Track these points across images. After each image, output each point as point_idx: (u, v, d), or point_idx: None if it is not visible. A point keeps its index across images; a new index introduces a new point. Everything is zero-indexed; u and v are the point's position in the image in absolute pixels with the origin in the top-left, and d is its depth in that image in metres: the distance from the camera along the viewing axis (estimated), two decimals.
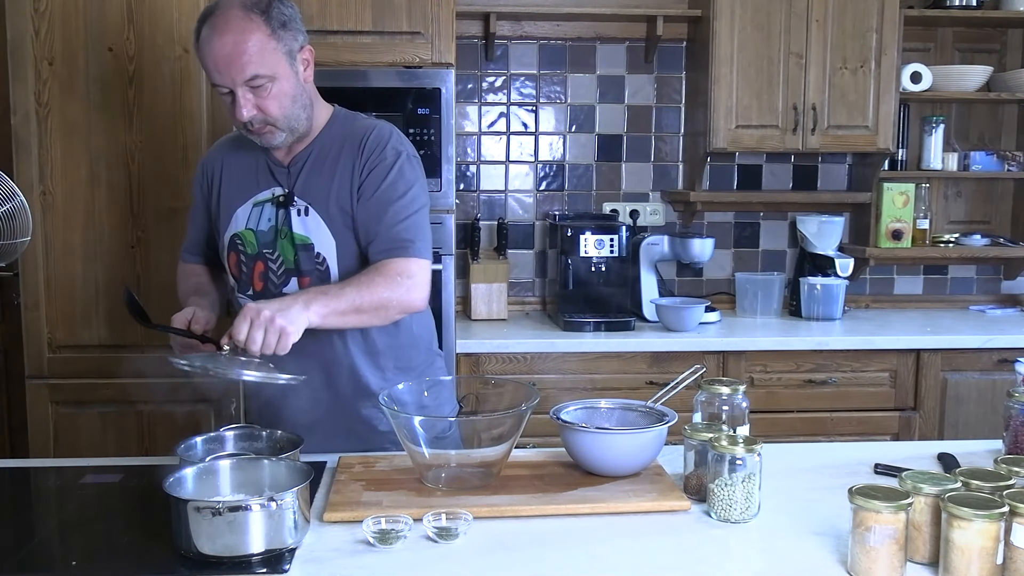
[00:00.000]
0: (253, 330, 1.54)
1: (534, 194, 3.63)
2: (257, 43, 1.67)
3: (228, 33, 1.66)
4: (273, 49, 1.69)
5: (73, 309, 2.87)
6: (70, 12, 2.77)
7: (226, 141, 1.97)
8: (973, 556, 1.19)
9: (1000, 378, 3.15)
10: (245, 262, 1.85)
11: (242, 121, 1.71)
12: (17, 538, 1.43)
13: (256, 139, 1.77)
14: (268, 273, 1.83)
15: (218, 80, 1.69)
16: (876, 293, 3.78)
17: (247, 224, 1.84)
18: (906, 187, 3.55)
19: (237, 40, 1.66)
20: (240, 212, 1.85)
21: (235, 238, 1.86)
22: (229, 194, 1.88)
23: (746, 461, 1.43)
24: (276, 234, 1.81)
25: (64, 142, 2.81)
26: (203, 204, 1.95)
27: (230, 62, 1.66)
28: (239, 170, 1.88)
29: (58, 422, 2.88)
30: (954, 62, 3.63)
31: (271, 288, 1.83)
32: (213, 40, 1.66)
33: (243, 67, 1.66)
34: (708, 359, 3.07)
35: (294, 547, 1.34)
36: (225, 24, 1.66)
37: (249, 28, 1.66)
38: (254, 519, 1.29)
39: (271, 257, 1.83)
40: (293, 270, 1.81)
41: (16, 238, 1.88)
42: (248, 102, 1.69)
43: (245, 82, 1.67)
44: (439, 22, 2.92)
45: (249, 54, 1.66)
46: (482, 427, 1.60)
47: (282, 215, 1.81)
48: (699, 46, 3.44)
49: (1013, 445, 1.71)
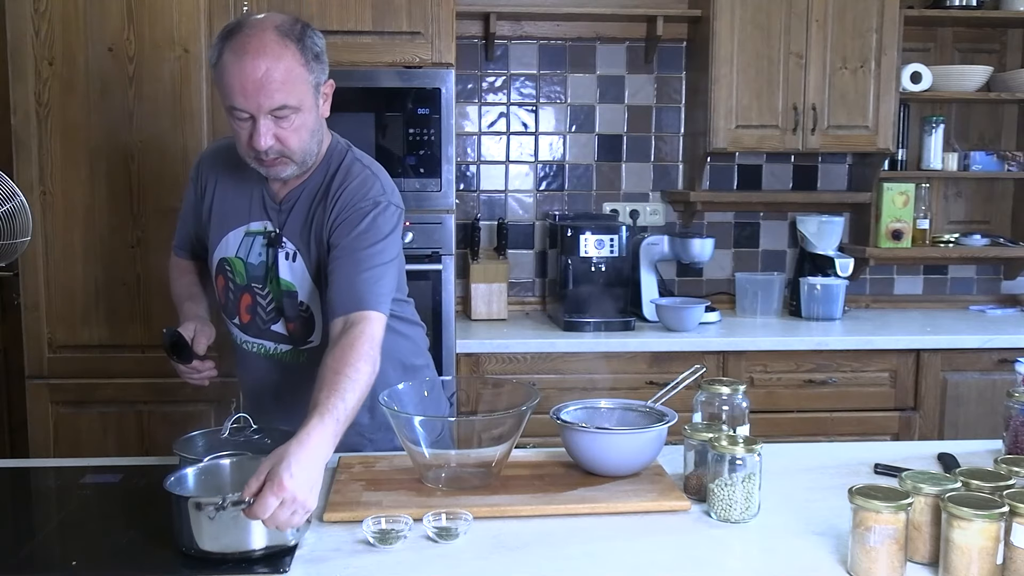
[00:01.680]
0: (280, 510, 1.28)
1: (534, 194, 3.63)
2: (290, 72, 1.58)
3: (262, 57, 1.55)
4: (304, 80, 1.60)
5: (73, 309, 2.87)
6: (70, 12, 2.77)
7: (223, 150, 1.84)
8: (973, 556, 1.19)
9: (1000, 378, 3.15)
10: (233, 291, 1.80)
11: (259, 150, 1.61)
12: (17, 538, 1.43)
13: (262, 169, 1.67)
14: (256, 308, 1.79)
15: (241, 104, 1.58)
16: (876, 293, 3.78)
17: (237, 252, 1.78)
18: (906, 187, 3.55)
19: (271, 66, 1.56)
20: (232, 237, 1.78)
21: (224, 263, 1.80)
22: (222, 213, 1.80)
23: (746, 461, 1.43)
24: (267, 271, 1.75)
25: (64, 142, 2.81)
26: (198, 204, 1.87)
27: (260, 88, 1.56)
28: (234, 192, 1.79)
29: (58, 422, 2.88)
30: (954, 62, 3.63)
31: (259, 323, 1.79)
32: (245, 62, 1.55)
33: (272, 94, 1.57)
34: (708, 359, 3.07)
35: (295, 544, 1.35)
36: (260, 47, 1.56)
37: (284, 55, 1.57)
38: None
39: (260, 293, 1.77)
40: (280, 312, 1.77)
41: (16, 238, 1.88)
42: (268, 131, 1.59)
43: (271, 111, 1.58)
44: (439, 22, 2.92)
45: (281, 82, 1.57)
46: (482, 427, 1.60)
47: (271, 254, 1.74)
48: (699, 46, 3.44)
49: (1013, 445, 1.71)
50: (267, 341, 1.82)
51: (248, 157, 1.67)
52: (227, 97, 1.60)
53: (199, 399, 2.90)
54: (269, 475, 1.28)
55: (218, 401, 2.89)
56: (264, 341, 1.82)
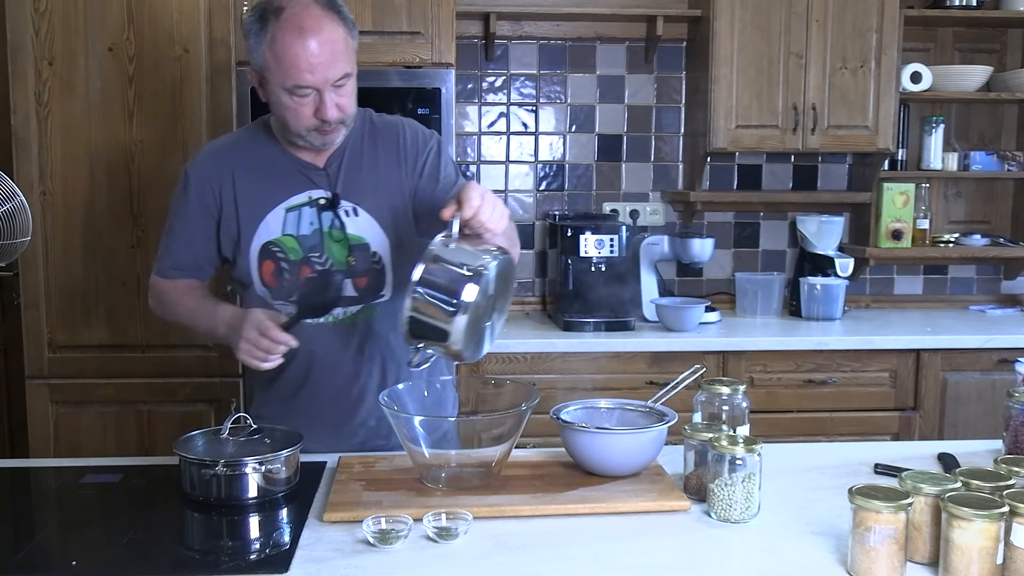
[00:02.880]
0: (485, 204, 1.52)
1: (534, 194, 3.63)
2: (344, 41, 1.67)
3: (321, 33, 1.63)
4: (351, 46, 1.70)
5: (73, 309, 2.87)
6: (70, 12, 2.78)
7: (223, 149, 1.86)
8: (973, 556, 1.19)
9: (1000, 378, 3.15)
10: (288, 268, 1.78)
11: (328, 120, 1.68)
12: (17, 538, 1.43)
13: (317, 141, 1.73)
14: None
15: (308, 81, 1.64)
16: (876, 293, 3.78)
17: (284, 230, 1.78)
18: (906, 187, 3.55)
19: (332, 38, 1.64)
20: (271, 219, 1.78)
21: (270, 245, 1.79)
22: (252, 201, 1.79)
23: (746, 461, 1.43)
24: (322, 237, 1.78)
25: (64, 142, 2.81)
26: (205, 217, 1.82)
27: (326, 63, 1.63)
28: (260, 176, 1.80)
29: (58, 422, 2.89)
30: (954, 62, 3.63)
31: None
32: (307, 40, 1.62)
33: (335, 66, 1.65)
34: (708, 359, 3.07)
35: (294, 543, 1.35)
36: (315, 24, 1.63)
37: (336, 27, 1.66)
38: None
39: (319, 261, 1.78)
40: (345, 271, 1.79)
41: (16, 238, 1.88)
42: (332, 102, 1.67)
43: (334, 82, 1.66)
44: (439, 22, 2.92)
45: (341, 52, 1.66)
46: (482, 427, 1.60)
47: (327, 217, 1.78)
48: (699, 46, 3.44)
49: (1013, 445, 1.71)
50: (334, 307, 1.81)
51: (305, 131, 1.71)
52: (288, 77, 1.64)
53: (199, 399, 2.91)
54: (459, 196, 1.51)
55: (218, 401, 2.89)
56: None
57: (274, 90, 1.68)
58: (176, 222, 1.85)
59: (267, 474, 1.51)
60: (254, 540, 1.46)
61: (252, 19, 1.68)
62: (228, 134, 1.92)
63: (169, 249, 1.86)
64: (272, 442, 1.57)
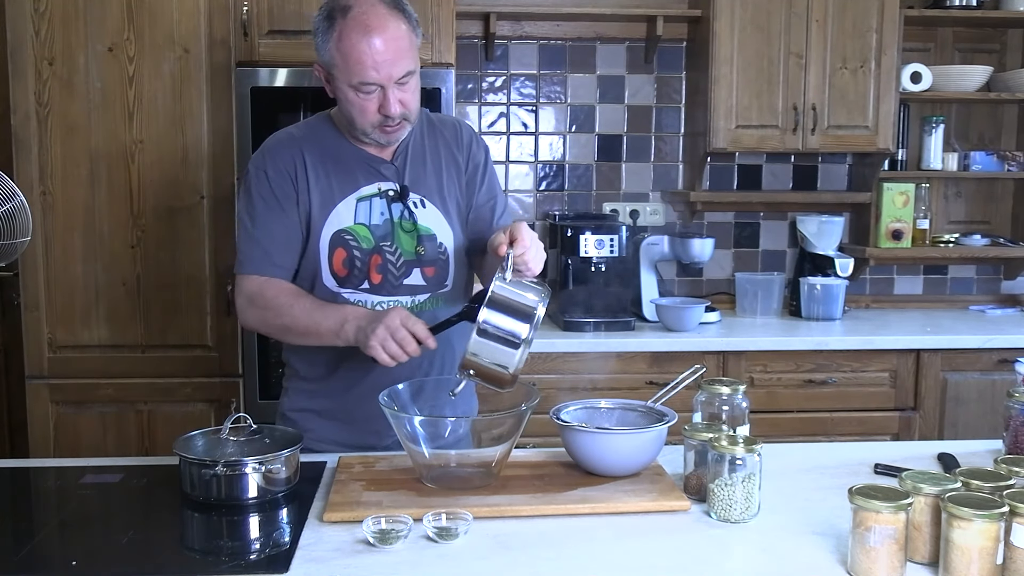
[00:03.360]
0: (533, 245, 1.62)
1: (534, 194, 3.63)
2: (408, 39, 1.71)
3: (386, 31, 1.67)
4: (415, 44, 1.74)
5: (73, 309, 2.87)
6: (70, 12, 2.78)
7: (289, 139, 1.85)
8: (973, 556, 1.19)
9: (1000, 378, 3.15)
10: (360, 257, 1.80)
11: (391, 116, 1.72)
12: (17, 538, 1.43)
13: (382, 138, 1.77)
14: (387, 266, 1.81)
15: (373, 78, 1.68)
16: (876, 293, 3.78)
17: (356, 220, 1.81)
18: (906, 187, 3.55)
19: (396, 36, 1.68)
20: (342, 208, 1.80)
21: (342, 233, 1.79)
22: (325, 190, 1.80)
23: (746, 461, 1.43)
24: (392, 227, 1.82)
25: (64, 142, 2.82)
26: (291, 206, 1.79)
27: (391, 60, 1.67)
28: (331, 166, 1.81)
29: (58, 422, 2.89)
30: (954, 62, 3.63)
31: (391, 280, 1.81)
32: (373, 38, 1.66)
33: (399, 64, 1.69)
34: (708, 359, 3.07)
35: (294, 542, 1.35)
36: (381, 23, 1.68)
37: (400, 25, 1.70)
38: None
39: (389, 250, 1.81)
40: (413, 261, 1.82)
41: (16, 238, 1.88)
42: (396, 98, 1.71)
43: (398, 79, 1.70)
44: (439, 22, 2.92)
45: (405, 50, 1.70)
46: (482, 427, 1.60)
47: (396, 208, 1.82)
48: (699, 46, 3.44)
49: (1013, 445, 1.71)
50: (401, 296, 1.83)
51: (370, 128, 1.75)
52: (355, 74, 1.68)
53: (199, 399, 2.91)
54: (511, 232, 1.59)
55: (218, 401, 2.89)
56: (398, 297, 1.82)
57: (340, 87, 1.72)
58: (262, 217, 1.80)
59: (267, 474, 1.51)
60: (254, 540, 1.46)
61: (320, 17, 1.73)
62: (291, 126, 1.90)
63: (264, 247, 1.80)
64: (272, 442, 1.57)
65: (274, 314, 1.77)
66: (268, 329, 1.84)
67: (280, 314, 1.77)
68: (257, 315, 1.80)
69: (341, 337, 1.70)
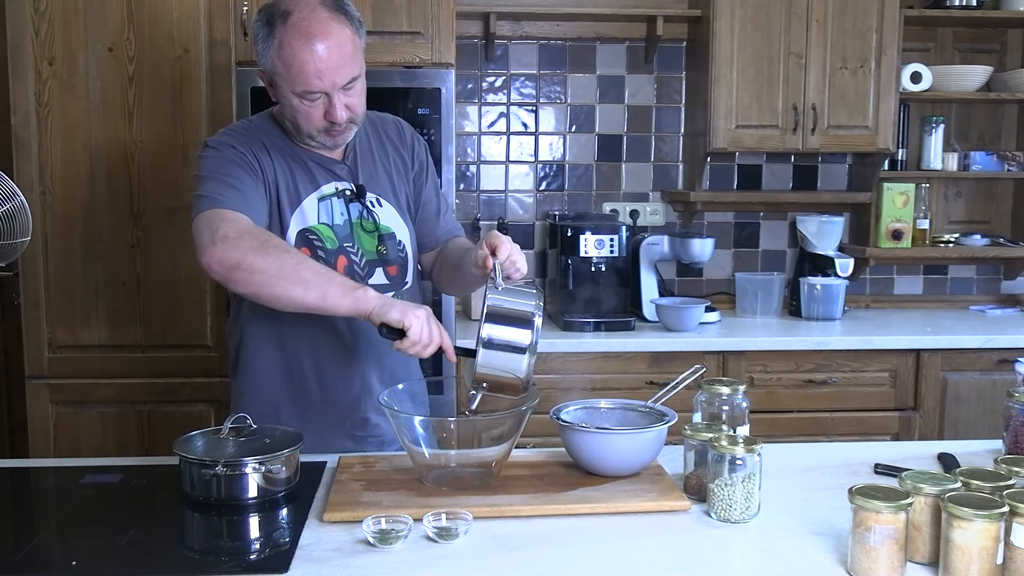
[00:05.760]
0: (513, 248, 1.65)
1: (534, 194, 3.63)
2: (352, 44, 1.67)
3: (329, 37, 1.63)
4: (359, 48, 1.70)
5: (73, 309, 2.87)
6: (70, 12, 2.77)
7: (247, 129, 1.79)
8: (973, 556, 1.19)
9: (1000, 378, 3.15)
10: (324, 258, 1.77)
11: (337, 122, 1.69)
12: (17, 538, 1.43)
13: (328, 141, 1.75)
14: (352, 267, 1.80)
15: (316, 86, 1.64)
16: (876, 293, 3.78)
17: (319, 219, 1.78)
18: (906, 187, 3.55)
19: (339, 42, 1.64)
20: (307, 206, 1.77)
21: (307, 232, 1.76)
22: (289, 185, 1.76)
23: (746, 461, 1.43)
24: (352, 227, 1.80)
25: (64, 142, 2.81)
26: (260, 183, 1.72)
27: (334, 67, 1.64)
28: (291, 162, 1.78)
29: (58, 422, 2.89)
30: (954, 62, 3.63)
31: (357, 281, 1.74)
32: (314, 45, 1.61)
33: (343, 70, 1.65)
34: (708, 359, 3.07)
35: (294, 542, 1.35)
36: (323, 28, 1.63)
37: (343, 30, 1.66)
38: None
39: (352, 251, 1.80)
40: (376, 261, 1.82)
41: (16, 238, 1.88)
42: (342, 104, 1.68)
43: (343, 85, 1.67)
44: (439, 22, 2.92)
45: (349, 56, 1.66)
46: (482, 427, 1.60)
47: (355, 208, 1.80)
48: (699, 46, 3.44)
49: (1013, 445, 1.71)
50: None
51: (316, 133, 1.73)
52: (297, 83, 1.65)
53: (199, 399, 2.91)
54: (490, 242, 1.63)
55: (218, 401, 2.89)
56: None
57: (284, 94, 1.69)
58: (236, 172, 1.69)
59: (267, 474, 1.51)
60: (254, 540, 1.46)
61: (259, 23, 1.67)
62: (236, 123, 1.87)
63: (242, 192, 1.66)
64: (272, 442, 1.57)
65: (278, 248, 1.59)
66: (259, 266, 1.55)
67: (288, 249, 1.62)
68: (251, 246, 1.56)
69: (354, 295, 1.56)
